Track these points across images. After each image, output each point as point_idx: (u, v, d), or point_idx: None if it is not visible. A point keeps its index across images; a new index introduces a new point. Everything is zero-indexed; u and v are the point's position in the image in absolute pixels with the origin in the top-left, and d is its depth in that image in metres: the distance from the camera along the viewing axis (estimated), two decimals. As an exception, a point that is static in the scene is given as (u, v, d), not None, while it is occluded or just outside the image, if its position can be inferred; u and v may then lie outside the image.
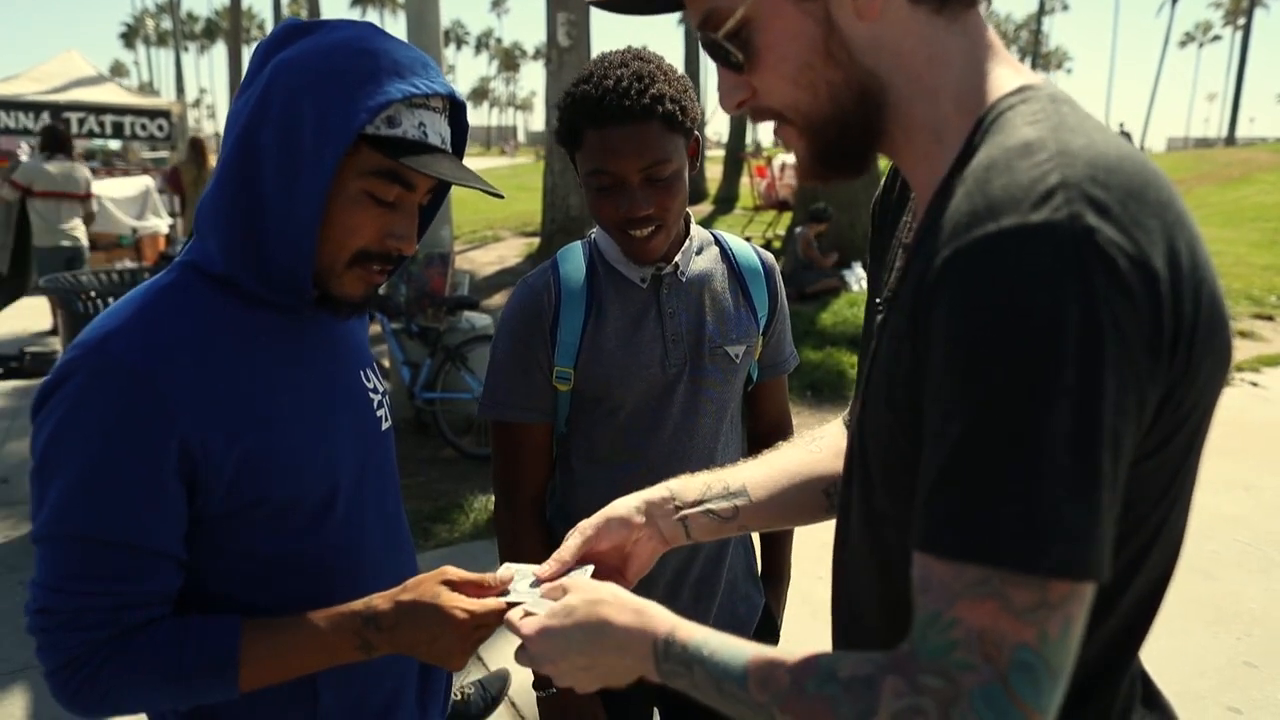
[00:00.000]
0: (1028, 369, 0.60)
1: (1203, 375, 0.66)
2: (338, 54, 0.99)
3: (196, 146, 9.08)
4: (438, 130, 1.05)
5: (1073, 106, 0.72)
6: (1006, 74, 0.76)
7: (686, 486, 1.08)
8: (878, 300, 0.87)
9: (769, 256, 1.57)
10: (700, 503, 1.07)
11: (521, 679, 3.00)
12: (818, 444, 1.12)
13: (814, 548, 4.08)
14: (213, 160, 8.70)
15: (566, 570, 1.01)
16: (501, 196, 1.15)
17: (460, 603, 1.01)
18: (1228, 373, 0.70)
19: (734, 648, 0.76)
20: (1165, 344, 0.62)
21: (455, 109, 1.10)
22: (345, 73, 0.98)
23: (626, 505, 1.06)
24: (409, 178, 1.03)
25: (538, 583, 1.00)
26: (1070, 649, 0.62)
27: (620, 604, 0.85)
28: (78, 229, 7.46)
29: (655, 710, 1.67)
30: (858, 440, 0.83)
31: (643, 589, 1.45)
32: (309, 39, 1.02)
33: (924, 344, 0.67)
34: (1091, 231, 0.60)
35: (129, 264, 9.23)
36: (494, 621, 1.01)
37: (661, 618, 0.82)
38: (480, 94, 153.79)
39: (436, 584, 1.04)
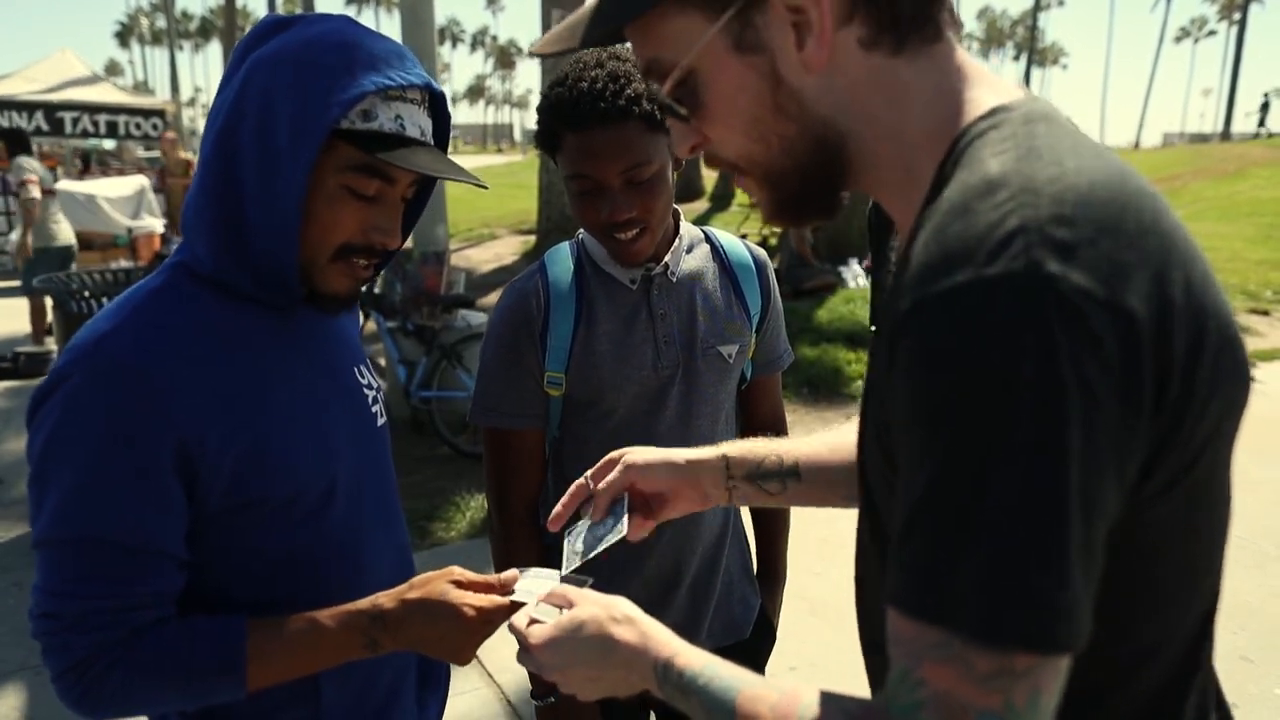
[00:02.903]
0: (985, 430, 0.57)
1: (1215, 404, 0.62)
2: (312, 49, 0.99)
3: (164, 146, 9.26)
4: (416, 122, 1.04)
5: (1050, 124, 0.68)
6: (980, 96, 0.72)
7: (743, 457, 1.09)
8: (873, 326, 0.85)
9: (761, 252, 1.55)
10: (753, 476, 1.08)
11: (524, 684, 3.00)
12: None
13: (811, 543, 4.09)
14: (180, 153, 8.78)
15: (610, 506, 1.06)
16: (485, 187, 1.14)
17: (469, 600, 1.02)
18: (1248, 392, 0.66)
19: (726, 681, 0.75)
20: (1147, 389, 0.58)
21: (436, 100, 1.09)
22: (318, 67, 0.98)
23: (678, 456, 1.08)
24: (388, 172, 1.03)
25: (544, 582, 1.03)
26: (1042, 716, 0.59)
27: (628, 622, 0.85)
28: (66, 227, 7.40)
29: (651, 714, 1.66)
30: (860, 469, 0.82)
31: (637, 591, 1.46)
32: (285, 34, 1.01)
33: (892, 391, 0.64)
34: (1051, 280, 0.56)
35: (124, 263, 9.20)
36: (500, 619, 1.03)
37: (664, 641, 0.82)
38: (476, 92, 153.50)
39: (445, 582, 1.04)
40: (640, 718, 1.63)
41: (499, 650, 3.07)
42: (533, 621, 0.91)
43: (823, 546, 3.97)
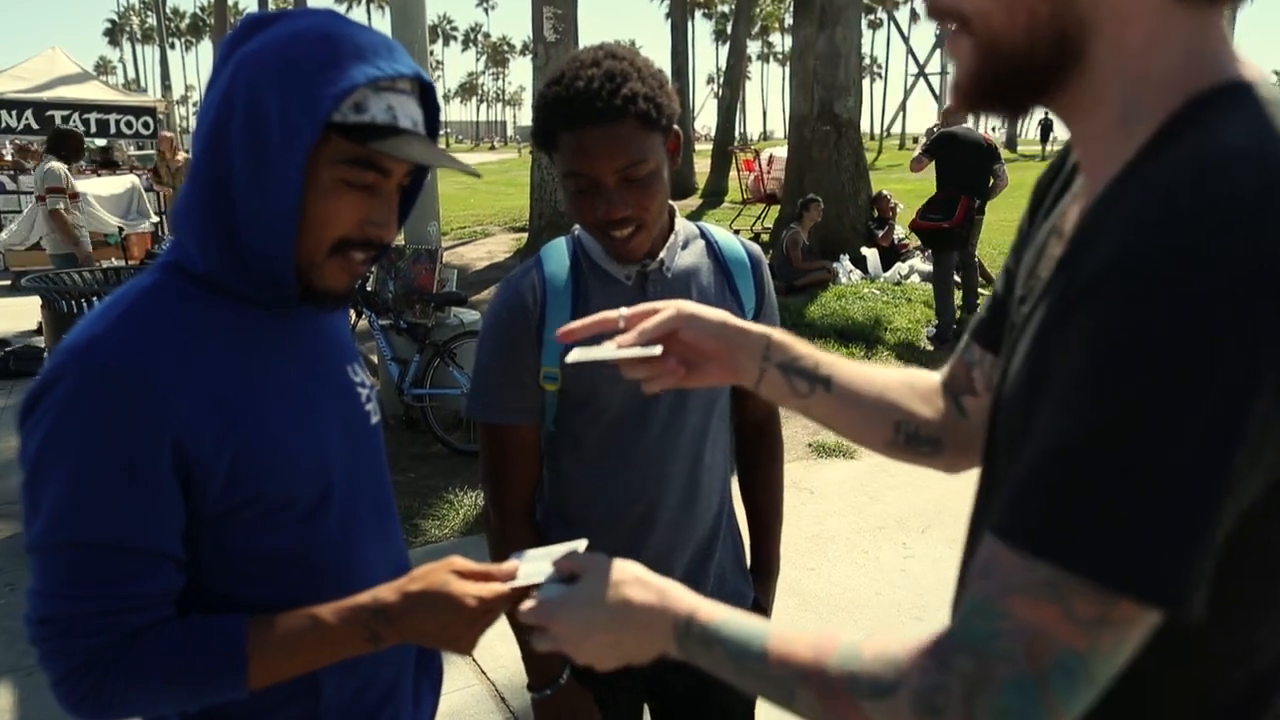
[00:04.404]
0: (1167, 396, 0.56)
1: None
2: (298, 43, 0.98)
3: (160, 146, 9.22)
4: (408, 113, 1.03)
5: None
6: (1229, 69, 0.67)
7: (784, 345, 1.05)
8: (1022, 294, 0.82)
9: (755, 248, 1.55)
10: (788, 366, 1.04)
11: (516, 680, 3.01)
12: (914, 379, 1.08)
13: (803, 540, 4.10)
14: (179, 155, 8.74)
15: (644, 339, 1.00)
16: (477, 175, 1.13)
17: (470, 590, 1.02)
18: None
19: (754, 626, 0.76)
20: None
21: (425, 90, 1.09)
22: (307, 62, 0.97)
23: (729, 319, 1.03)
24: (382, 163, 1.02)
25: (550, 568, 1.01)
26: (1114, 666, 0.61)
27: (642, 584, 0.85)
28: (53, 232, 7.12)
29: (645, 707, 1.67)
30: (989, 438, 0.81)
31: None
32: (270, 30, 1.01)
33: (1062, 342, 0.63)
34: (1276, 267, 0.55)
35: (115, 262, 9.18)
36: (501, 607, 1.02)
37: (683, 598, 0.83)
38: (469, 90, 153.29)
39: (445, 573, 1.04)
40: (636, 710, 1.64)
41: (492, 647, 3.07)
42: (542, 602, 0.91)
43: (815, 543, 3.98)
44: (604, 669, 0.88)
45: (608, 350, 1.01)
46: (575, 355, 1.02)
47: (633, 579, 0.86)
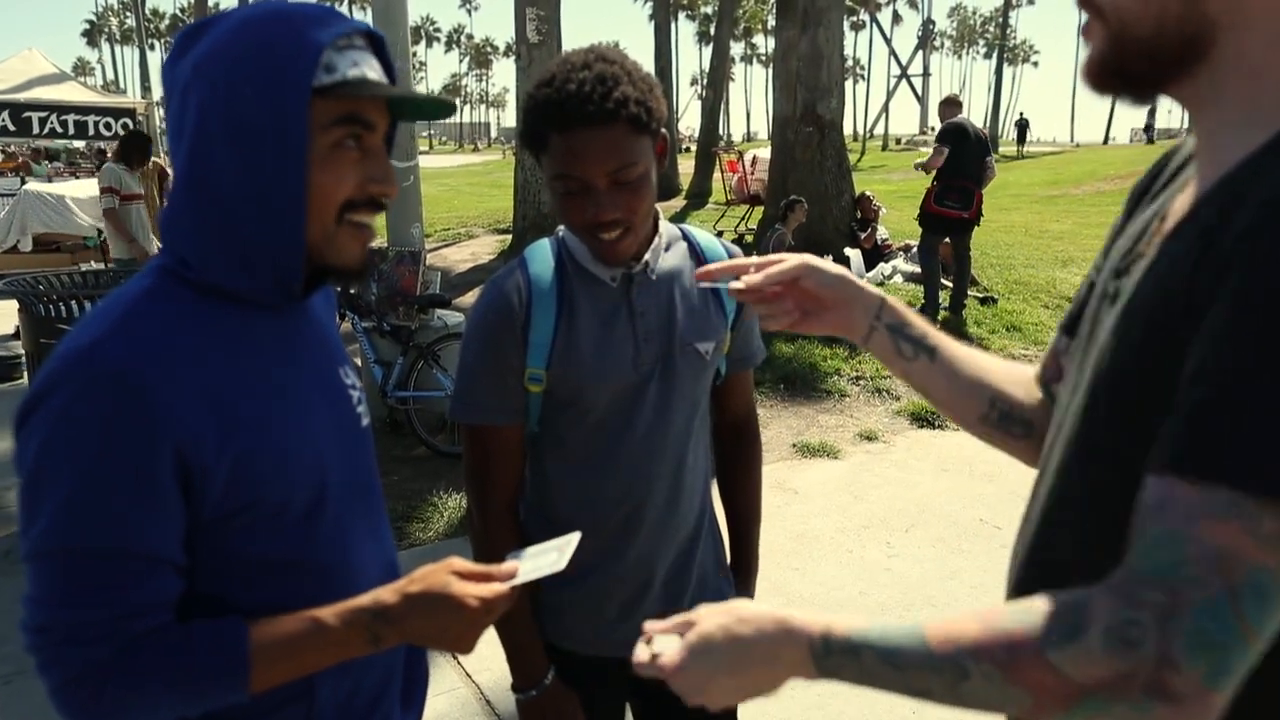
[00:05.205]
0: None
1: None
2: (254, 29, 0.98)
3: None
4: (371, 65, 1.04)
5: None
6: None
7: (896, 308, 1.12)
8: (1118, 269, 0.86)
9: (736, 250, 1.55)
10: (897, 329, 1.10)
11: (502, 683, 3.00)
12: (1011, 367, 1.14)
13: (788, 539, 4.10)
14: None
15: (770, 282, 1.09)
16: (454, 108, 1.14)
17: (471, 590, 1.03)
18: None
19: (900, 623, 0.78)
20: None
21: (376, 45, 1.09)
22: (268, 43, 0.97)
23: (843, 273, 1.10)
24: (367, 116, 1.03)
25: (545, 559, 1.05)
26: None
27: (757, 619, 0.84)
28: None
29: (627, 706, 1.67)
30: (1087, 398, 0.84)
31: (613, 587, 1.46)
32: (213, 31, 1.01)
33: (1212, 285, 0.66)
34: None
35: (94, 265, 9.10)
36: (502, 607, 1.04)
37: (809, 620, 0.82)
38: (452, 91, 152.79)
39: (446, 574, 1.05)
40: (619, 710, 1.64)
41: (478, 650, 3.06)
42: (655, 656, 0.89)
43: (800, 542, 3.99)
44: (731, 705, 0.87)
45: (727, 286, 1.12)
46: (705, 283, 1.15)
47: (748, 616, 0.85)
